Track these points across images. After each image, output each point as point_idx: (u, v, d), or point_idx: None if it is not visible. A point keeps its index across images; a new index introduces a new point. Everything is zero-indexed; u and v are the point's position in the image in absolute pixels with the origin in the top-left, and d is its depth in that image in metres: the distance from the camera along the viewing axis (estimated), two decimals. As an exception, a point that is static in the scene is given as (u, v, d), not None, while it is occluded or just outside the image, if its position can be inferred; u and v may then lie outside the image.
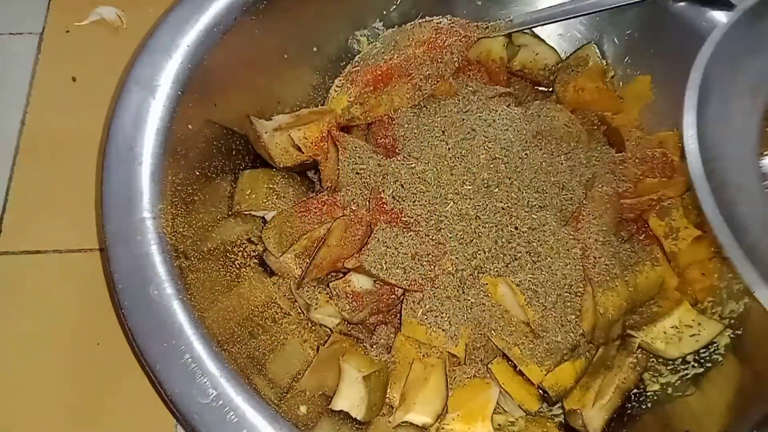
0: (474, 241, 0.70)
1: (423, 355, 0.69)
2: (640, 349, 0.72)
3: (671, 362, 0.72)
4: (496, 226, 0.71)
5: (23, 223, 0.83)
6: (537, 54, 0.87)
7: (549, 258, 0.70)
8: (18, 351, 0.77)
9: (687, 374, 0.71)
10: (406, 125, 0.77)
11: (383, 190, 0.72)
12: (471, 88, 0.80)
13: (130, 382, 0.75)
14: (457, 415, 0.68)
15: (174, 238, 0.63)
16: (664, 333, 0.71)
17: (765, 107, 0.53)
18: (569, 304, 0.68)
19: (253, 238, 0.75)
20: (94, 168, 0.86)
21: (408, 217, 0.71)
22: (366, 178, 0.74)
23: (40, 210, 0.84)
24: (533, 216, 0.72)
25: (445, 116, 0.78)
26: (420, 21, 0.85)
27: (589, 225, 0.72)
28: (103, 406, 0.75)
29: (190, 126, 0.68)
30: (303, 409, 0.65)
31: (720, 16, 0.75)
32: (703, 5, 0.76)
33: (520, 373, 0.68)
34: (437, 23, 0.84)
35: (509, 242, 0.71)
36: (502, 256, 0.70)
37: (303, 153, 0.76)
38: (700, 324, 0.71)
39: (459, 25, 0.83)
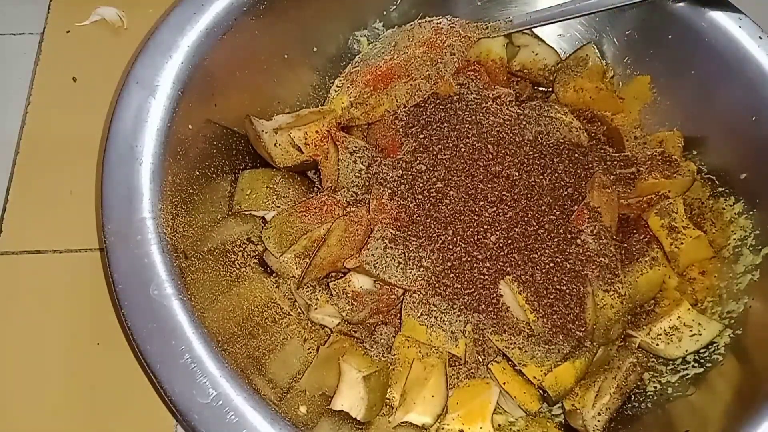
0: (474, 241, 0.70)
1: (423, 355, 0.69)
2: (640, 349, 0.72)
3: (671, 362, 0.72)
4: (496, 226, 0.71)
5: (23, 223, 0.83)
6: (537, 54, 0.87)
7: (549, 258, 0.70)
8: (18, 351, 0.77)
9: (687, 374, 0.71)
10: (407, 125, 0.78)
11: (383, 190, 0.72)
12: (471, 88, 0.80)
13: (130, 382, 0.75)
14: (457, 415, 0.68)
15: (174, 238, 0.63)
16: (664, 333, 0.71)
17: None
18: (569, 304, 0.68)
19: (253, 238, 0.75)
20: (94, 168, 0.86)
21: (408, 217, 0.71)
22: (366, 178, 0.74)
23: (40, 210, 0.84)
24: (533, 216, 0.72)
25: (445, 116, 0.78)
26: (420, 21, 0.85)
27: (589, 225, 0.72)
28: (103, 406, 0.75)
29: (190, 126, 0.68)
30: (303, 409, 0.65)
31: (720, 16, 0.75)
32: (703, 5, 0.76)
33: (520, 373, 0.68)
34: (437, 23, 0.84)
35: (510, 242, 0.71)
36: (502, 255, 0.70)
37: (303, 153, 0.76)
38: (700, 324, 0.71)
39: (459, 26, 0.83)
